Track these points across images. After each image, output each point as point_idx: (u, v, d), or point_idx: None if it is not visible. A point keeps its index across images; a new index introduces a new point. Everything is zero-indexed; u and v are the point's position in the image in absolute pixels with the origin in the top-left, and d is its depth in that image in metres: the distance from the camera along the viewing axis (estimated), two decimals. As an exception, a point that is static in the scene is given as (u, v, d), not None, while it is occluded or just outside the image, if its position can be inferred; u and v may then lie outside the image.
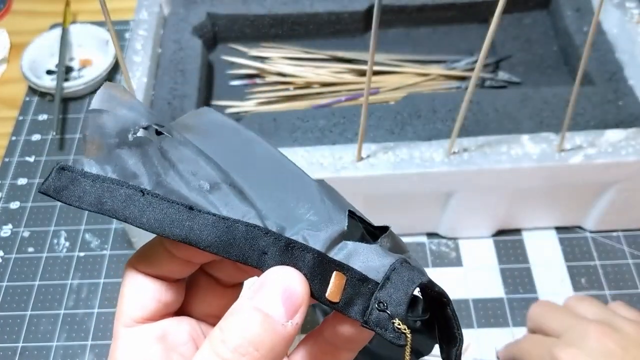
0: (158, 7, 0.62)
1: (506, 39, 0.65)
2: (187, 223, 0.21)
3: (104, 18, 0.37)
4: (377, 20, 0.36)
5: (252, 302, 0.20)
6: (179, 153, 0.23)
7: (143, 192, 0.22)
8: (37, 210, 0.60)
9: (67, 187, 0.22)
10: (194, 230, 0.21)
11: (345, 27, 0.66)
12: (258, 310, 0.20)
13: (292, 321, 0.20)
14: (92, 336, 0.52)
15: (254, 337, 0.20)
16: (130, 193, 0.22)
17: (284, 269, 0.21)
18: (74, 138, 0.65)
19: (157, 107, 0.55)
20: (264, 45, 0.67)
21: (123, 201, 0.22)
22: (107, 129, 0.23)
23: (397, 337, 0.21)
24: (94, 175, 0.22)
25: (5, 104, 0.69)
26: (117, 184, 0.22)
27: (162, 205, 0.22)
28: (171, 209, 0.22)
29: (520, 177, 0.49)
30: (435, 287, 0.23)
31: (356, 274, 0.22)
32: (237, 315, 0.20)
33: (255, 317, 0.20)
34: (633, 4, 0.59)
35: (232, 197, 0.22)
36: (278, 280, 0.20)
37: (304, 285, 0.21)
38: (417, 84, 0.63)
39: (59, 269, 0.56)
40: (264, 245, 0.21)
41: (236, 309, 0.21)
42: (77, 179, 0.22)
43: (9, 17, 0.78)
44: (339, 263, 0.22)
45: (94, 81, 0.67)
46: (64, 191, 0.22)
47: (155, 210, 0.22)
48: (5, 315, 0.53)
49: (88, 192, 0.22)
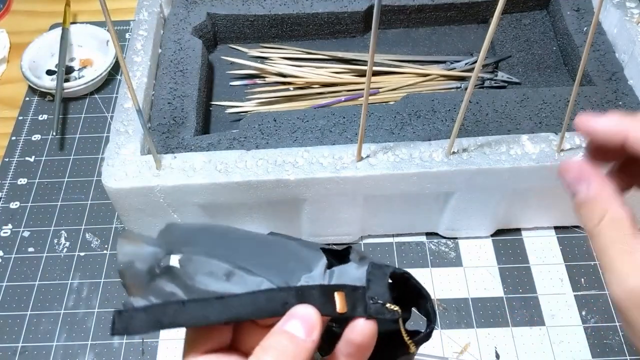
0: (158, 7, 0.62)
1: (506, 39, 0.66)
2: (222, 308, 0.28)
3: (104, 18, 0.37)
4: (377, 20, 0.36)
5: (283, 328, 0.28)
6: (193, 264, 0.30)
7: (183, 303, 0.28)
8: (37, 210, 0.60)
9: (130, 324, 0.28)
10: (229, 311, 0.28)
11: (345, 27, 0.66)
12: (286, 332, 0.28)
13: (310, 338, 0.28)
14: (92, 336, 0.52)
15: (284, 348, 0.27)
16: (175, 307, 0.28)
17: (300, 305, 0.29)
18: (74, 138, 0.65)
19: (157, 107, 0.55)
20: (264, 46, 0.67)
21: (172, 315, 0.28)
22: (139, 273, 0.30)
23: (392, 315, 0.29)
24: (143, 307, 0.28)
25: (5, 104, 0.69)
26: (163, 305, 0.28)
27: (199, 305, 0.28)
28: (207, 303, 0.28)
29: (520, 177, 0.49)
30: (397, 270, 0.31)
31: (349, 287, 0.29)
32: (273, 336, 0.28)
33: (285, 337, 0.28)
34: (633, 4, 0.59)
35: (245, 277, 0.29)
36: (297, 312, 0.28)
37: (315, 312, 0.28)
38: (417, 84, 0.63)
39: (59, 268, 0.56)
40: (283, 298, 0.28)
41: (272, 332, 0.28)
42: (133, 316, 0.28)
43: (9, 17, 0.78)
44: (336, 286, 0.29)
45: (94, 81, 0.67)
46: (130, 327, 0.28)
47: (196, 310, 0.28)
48: (5, 315, 0.53)
49: (145, 320, 0.28)
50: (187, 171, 0.49)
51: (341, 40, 0.67)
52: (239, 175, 0.48)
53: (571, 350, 0.50)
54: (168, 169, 0.49)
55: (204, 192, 0.49)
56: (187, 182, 0.48)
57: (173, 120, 0.54)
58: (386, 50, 0.66)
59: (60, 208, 0.60)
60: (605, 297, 0.52)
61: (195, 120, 0.55)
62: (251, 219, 0.53)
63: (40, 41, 0.70)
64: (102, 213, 0.59)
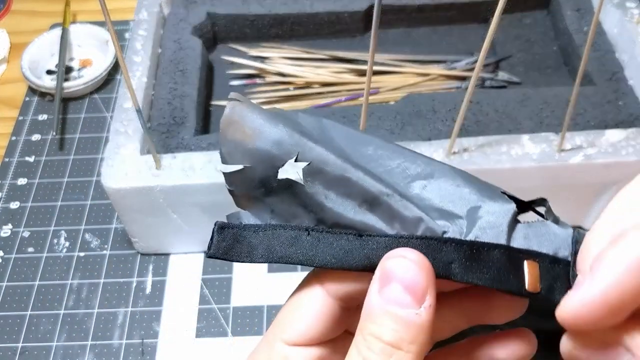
0: (158, 7, 0.62)
1: (506, 39, 0.65)
2: (364, 251, 0.21)
3: (104, 18, 0.37)
4: (377, 20, 0.36)
5: (382, 305, 0.20)
6: (323, 177, 0.22)
7: (308, 231, 0.21)
8: (37, 210, 0.60)
9: (233, 245, 0.22)
10: (370, 257, 0.20)
11: (345, 27, 0.66)
12: (387, 312, 0.20)
13: (423, 306, 0.20)
14: (92, 336, 0.52)
15: (393, 339, 0.20)
16: (295, 235, 0.21)
17: (390, 258, 0.20)
18: (74, 138, 0.65)
19: (157, 107, 0.55)
20: (264, 45, 0.67)
21: (291, 245, 0.21)
22: (249, 183, 0.22)
23: None
24: (255, 226, 0.22)
25: (5, 104, 0.69)
26: (281, 228, 0.21)
27: (331, 239, 0.21)
28: (342, 240, 0.21)
29: (520, 177, 0.49)
30: None
31: (547, 258, 0.21)
32: (372, 322, 0.20)
33: (388, 318, 0.20)
34: (633, 4, 0.59)
35: (395, 210, 0.21)
36: (392, 272, 0.20)
37: (420, 265, 0.20)
38: (417, 84, 0.63)
39: (59, 269, 0.56)
40: (448, 255, 0.20)
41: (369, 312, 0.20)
42: (240, 234, 0.22)
43: (9, 17, 0.78)
44: (526, 251, 0.21)
45: (94, 81, 0.67)
46: (232, 250, 0.22)
47: (326, 246, 0.21)
48: (5, 315, 0.53)
49: (255, 245, 0.21)
50: (187, 171, 0.49)
51: (341, 40, 0.67)
52: (239, 175, 0.48)
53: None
54: (168, 169, 0.49)
55: (204, 192, 0.49)
56: (187, 182, 0.48)
57: (173, 120, 0.54)
58: (386, 50, 0.66)
59: (60, 208, 0.60)
60: (605, 298, 0.52)
61: (195, 120, 0.55)
62: (251, 219, 0.53)
63: (40, 41, 0.70)
64: (102, 213, 0.59)
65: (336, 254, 0.21)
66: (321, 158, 0.22)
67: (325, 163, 0.21)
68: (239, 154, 0.22)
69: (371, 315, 0.20)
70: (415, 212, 0.21)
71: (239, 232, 0.22)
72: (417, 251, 0.20)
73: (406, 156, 0.23)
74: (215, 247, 0.22)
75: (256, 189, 0.22)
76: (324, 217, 0.22)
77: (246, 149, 0.22)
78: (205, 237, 0.57)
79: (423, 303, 0.20)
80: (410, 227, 0.21)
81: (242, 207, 0.23)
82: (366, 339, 0.20)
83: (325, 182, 0.22)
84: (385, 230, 0.21)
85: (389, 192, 0.21)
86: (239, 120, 0.22)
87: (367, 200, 0.21)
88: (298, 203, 0.22)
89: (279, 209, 0.22)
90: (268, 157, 0.22)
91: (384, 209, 0.21)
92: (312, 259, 0.21)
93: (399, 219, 0.21)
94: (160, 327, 0.52)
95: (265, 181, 0.22)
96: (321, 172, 0.21)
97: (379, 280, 0.20)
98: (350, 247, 0.21)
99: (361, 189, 0.21)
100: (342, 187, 0.21)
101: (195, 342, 0.51)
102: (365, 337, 0.20)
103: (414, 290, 0.20)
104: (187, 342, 0.51)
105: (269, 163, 0.22)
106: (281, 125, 0.22)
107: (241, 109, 0.22)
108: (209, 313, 0.53)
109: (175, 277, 0.55)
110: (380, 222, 0.21)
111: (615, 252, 0.18)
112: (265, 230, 0.21)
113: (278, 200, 0.22)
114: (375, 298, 0.20)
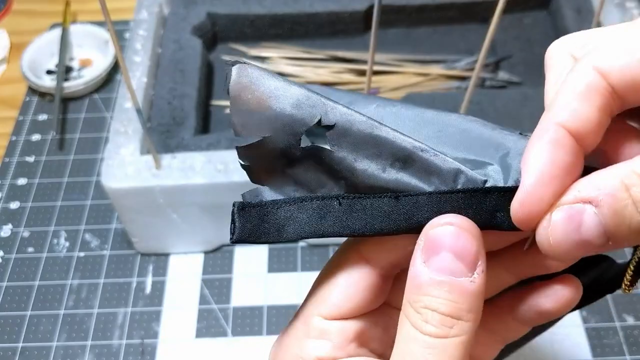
0: (158, 7, 0.62)
1: (506, 39, 0.65)
2: (403, 213, 0.19)
3: (104, 18, 0.37)
4: (377, 20, 0.36)
5: (432, 275, 0.19)
6: (349, 139, 0.20)
7: (339, 199, 0.19)
8: (37, 210, 0.60)
9: (260, 225, 0.19)
10: (411, 219, 0.19)
11: (345, 27, 0.66)
12: (440, 283, 0.19)
13: (476, 272, 0.19)
14: (92, 336, 0.52)
15: (451, 310, 0.19)
16: (325, 205, 0.19)
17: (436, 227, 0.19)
18: (74, 138, 0.65)
19: (156, 106, 0.55)
20: (264, 45, 0.67)
21: (322, 217, 0.19)
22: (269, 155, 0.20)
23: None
24: (279, 201, 0.19)
25: (5, 104, 0.69)
26: (309, 200, 0.19)
27: (366, 205, 0.19)
28: (377, 205, 0.19)
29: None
30: None
31: None
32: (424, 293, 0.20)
33: (442, 289, 0.19)
34: (633, 4, 0.59)
35: (433, 164, 0.20)
36: (440, 240, 0.19)
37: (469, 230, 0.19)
38: (417, 84, 0.63)
39: (59, 269, 0.56)
40: (492, 204, 0.19)
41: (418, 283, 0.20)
42: (265, 212, 0.19)
43: (9, 17, 0.78)
44: None
45: (94, 81, 0.67)
46: (258, 231, 0.19)
47: (361, 213, 0.19)
48: (5, 315, 0.53)
49: (282, 222, 0.19)
50: (187, 171, 0.49)
51: (341, 40, 0.67)
52: (239, 175, 0.48)
53: (571, 350, 0.50)
54: (168, 169, 0.49)
55: (204, 192, 0.49)
56: (186, 182, 0.48)
57: (173, 120, 0.54)
58: (386, 49, 0.66)
59: (60, 208, 0.60)
60: (606, 298, 0.52)
61: (195, 120, 0.55)
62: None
63: (40, 41, 0.70)
64: (102, 213, 0.59)
65: (373, 220, 0.19)
66: (346, 118, 0.20)
67: (350, 123, 0.20)
68: (254, 124, 0.20)
69: (422, 287, 0.20)
70: (452, 164, 0.20)
71: (263, 210, 0.19)
72: (463, 216, 0.19)
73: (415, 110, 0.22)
74: (240, 230, 0.19)
75: (277, 160, 0.20)
76: (355, 182, 0.20)
77: (263, 117, 0.20)
78: (206, 237, 0.56)
79: (475, 269, 0.19)
80: (448, 181, 0.20)
81: (260, 182, 0.20)
82: (421, 312, 0.20)
83: (352, 144, 0.20)
84: (422, 187, 0.20)
85: (422, 146, 0.20)
86: (250, 83, 0.20)
87: (400, 158, 0.20)
88: (325, 171, 0.20)
89: (303, 180, 0.20)
90: (289, 122, 0.20)
91: (419, 165, 0.20)
92: (347, 229, 0.19)
93: (436, 173, 0.20)
94: (160, 327, 0.52)
95: (288, 150, 0.20)
96: (347, 133, 0.20)
97: (424, 249, 0.20)
98: (388, 211, 0.19)
99: (392, 147, 0.20)
100: (370, 147, 0.20)
101: (195, 342, 0.51)
102: (419, 310, 0.20)
103: (466, 257, 0.19)
104: (187, 342, 0.51)
105: (289, 129, 0.20)
106: (295, 86, 0.20)
107: (251, 71, 0.20)
108: (209, 313, 0.53)
109: (175, 277, 0.55)
110: (415, 180, 0.20)
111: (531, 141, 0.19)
112: (291, 204, 0.19)
113: (302, 169, 0.20)
114: (423, 269, 0.20)
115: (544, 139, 0.19)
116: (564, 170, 0.19)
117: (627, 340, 0.50)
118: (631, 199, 0.17)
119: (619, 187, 0.17)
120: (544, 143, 0.19)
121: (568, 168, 0.19)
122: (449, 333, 0.19)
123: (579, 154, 0.19)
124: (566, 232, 0.18)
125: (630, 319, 0.51)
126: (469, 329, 0.19)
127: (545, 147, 0.19)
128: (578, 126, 0.19)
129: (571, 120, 0.19)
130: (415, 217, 0.19)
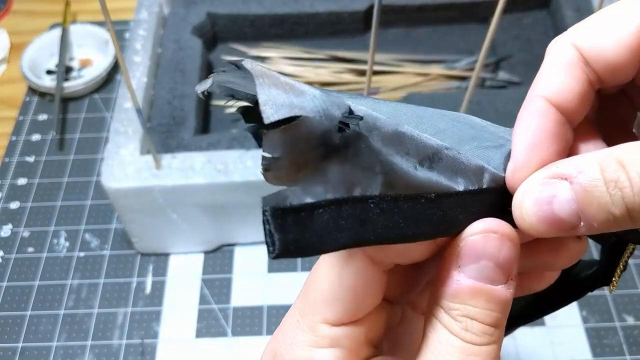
0: (158, 7, 0.62)
1: (506, 39, 0.65)
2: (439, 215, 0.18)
3: (104, 18, 0.37)
4: (377, 20, 0.36)
5: (471, 284, 0.19)
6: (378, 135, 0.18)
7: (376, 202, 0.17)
8: (37, 210, 0.60)
9: (303, 235, 0.16)
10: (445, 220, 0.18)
11: (345, 27, 0.66)
12: (479, 292, 0.19)
13: (510, 281, 0.19)
14: (92, 336, 0.52)
15: (493, 320, 0.19)
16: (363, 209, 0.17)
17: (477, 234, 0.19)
18: (74, 138, 0.65)
19: (157, 106, 0.55)
20: (264, 45, 0.67)
21: (362, 224, 0.17)
22: (306, 141, 0.16)
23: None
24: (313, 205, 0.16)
25: (5, 104, 0.69)
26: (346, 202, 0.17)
27: (405, 208, 0.18)
28: (417, 207, 0.18)
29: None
30: None
31: None
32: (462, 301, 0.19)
33: (481, 298, 0.19)
34: (633, 4, 0.59)
35: (459, 163, 0.19)
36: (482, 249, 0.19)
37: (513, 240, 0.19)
38: (417, 84, 0.63)
39: (59, 269, 0.56)
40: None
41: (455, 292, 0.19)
42: (304, 219, 0.16)
43: (9, 17, 0.78)
44: None
45: (94, 81, 0.67)
46: (302, 242, 0.16)
47: (400, 218, 0.18)
48: (5, 315, 0.53)
49: (321, 230, 0.16)
50: (187, 171, 0.49)
51: (341, 40, 0.67)
52: (239, 175, 0.48)
53: (571, 350, 0.50)
54: (168, 169, 0.49)
55: (204, 192, 0.49)
56: (186, 182, 0.48)
57: (173, 120, 0.54)
58: (386, 49, 0.66)
59: (60, 208, 0.60)
60: (605, 298, 0.52)
61: (195, 120, 0.55)
62: (252, 218, 0.53)
63: (40, 41, 0.70)
64: (101, 213, 0.59)
65: (415, 225, 0.18)
66: (368, 113, 0.18)
67: (375, 119, 0.18)
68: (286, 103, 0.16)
69: (459, 295, 0.19)
70: (475, 162, 0.20)
71: (299, 217, 0.16)
72: (509, 224, 0.19)
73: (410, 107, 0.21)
74: (282, 242, 0.16)
75: (314, 148, 0.17)
76: (393, 179, 0.18)
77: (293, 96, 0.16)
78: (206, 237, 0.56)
79: (510, 276, 0.19)
80: (473, 179, 0.19)
81: (287, 181, 0.17)
82: (459, 320, 0.19)
83: (381, 139, 0.18)
84: (452, 187, 0.19)
85: (446, 145, 0.19)
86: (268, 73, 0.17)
87: (428, 157, 0.19)
88: (361, 165, 0.17)
89: (336, 177, 0.17)
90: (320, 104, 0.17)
91: (445, 163, 0.19)
92: (390, 236, 0.17)
93: (461, 172, 0.19)
94: (160, 327, 0.52)
95: (327, 135, 0.17)
96: (374, 127, 0.18)
97: (462, 256, 0.19)
98: (428, 213, 0.18)
99: (419, 145, 0.18)
100: (397, 144, 0.18)
101: (195, 342, 0.51)
102: (457, 318, 0.19)
103: (506, 266, 0.19)
104: (187, 342, 0.51)
105: (324, 112, 0.17)
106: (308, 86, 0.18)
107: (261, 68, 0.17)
108: (209, 313, 0.53)
109: (175, 277, 0.55)
110: (442, 179, 0.19)
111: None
112: (328, 207, 0.16)
113: (339, 163, 0.17)
114: (460, 276, 0.19)
115: (528, 110, 0.21)
116: (548, 137, 0.20)
117: (627, 340, 0.50)
118: (603, 179, 0.18)
119: (594, 168, 0.18)
120: (527, 113, 0.21)
121: (552, 135, 0.20)
122: (490, 340, 0.20)
123: (563, 123, 0.20)
124: (539, 202, 0.18)
125: (630, 319, 0.51)
126: (502, 333, 0.20)
127: (528, 117, 0.20)
128: (558, 96, 0.20)
129: (551, 91, 0.21)
130: (452, 219, 0.19)
